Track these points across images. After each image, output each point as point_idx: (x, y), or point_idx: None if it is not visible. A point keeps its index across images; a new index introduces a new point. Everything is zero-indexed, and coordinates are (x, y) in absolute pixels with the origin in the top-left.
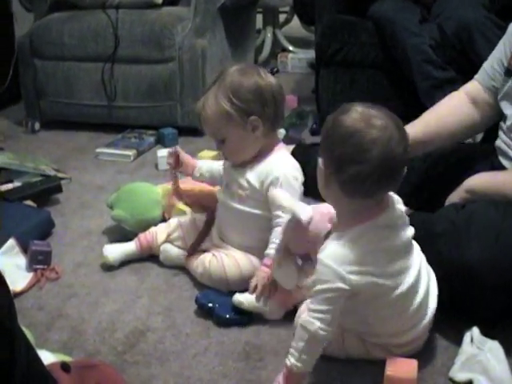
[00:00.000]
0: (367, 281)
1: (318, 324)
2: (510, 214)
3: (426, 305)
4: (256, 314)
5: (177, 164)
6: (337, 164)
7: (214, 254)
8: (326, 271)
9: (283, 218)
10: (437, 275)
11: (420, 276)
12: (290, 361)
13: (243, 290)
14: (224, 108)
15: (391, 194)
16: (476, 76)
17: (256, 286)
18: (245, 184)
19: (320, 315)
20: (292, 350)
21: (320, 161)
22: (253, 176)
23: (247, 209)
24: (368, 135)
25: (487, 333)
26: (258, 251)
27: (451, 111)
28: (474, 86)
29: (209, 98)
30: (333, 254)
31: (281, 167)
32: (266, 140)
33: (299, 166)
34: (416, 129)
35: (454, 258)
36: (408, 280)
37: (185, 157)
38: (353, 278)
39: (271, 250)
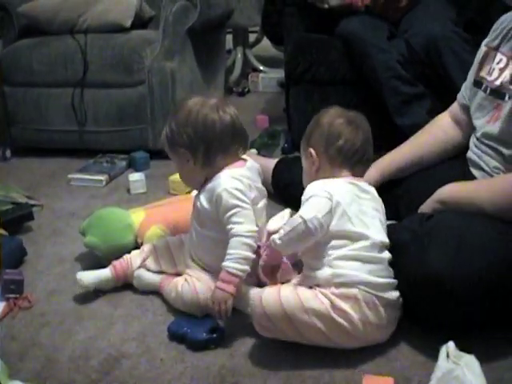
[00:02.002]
0: (337, 206)
1: (305, 216)
2: (473, 225)
3: (387, 271)
4: (230, 334)
5: None
6: (325, 144)
7: (186, 279)
8: (312, 189)
9: (235, 229)
10: (403, 286)
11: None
12: (274, 237)
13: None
14: (163, 135)
15: None
16: (457, 95)
17: (219, 309)
18: (199, 207)
19: (308, 208)
20: (280, 231)
21: (309, 152)
22: (203, 197)
23: (207, 232)
24: (340, 122)
25: (463, 347)
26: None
27: (438, 134)
28: (455, 106)
29: None
30: (316, 183)
31: (221, 183)
32: (207, 169)
33: (246, 177)
34: (407, 152)
35: (417, 269)
36: (367, 233)
37: None
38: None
39: (227, 261)
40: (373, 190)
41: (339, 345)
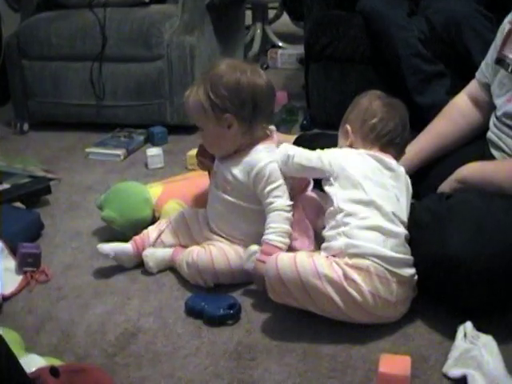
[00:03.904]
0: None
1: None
2: (493, 203)
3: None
4: (247, 310)
5: None
6: (361, 121)
7: (203, 246)
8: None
9: (276, 203)
10: (422, 265)
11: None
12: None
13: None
14: (200, 101)
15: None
16: (476, 74)
17: (261, 281)
18: (229, 177)
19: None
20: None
21: (345, 128)
22: (237, 169)
23: (232, 199)
24: (378, 103)
25: (481, 327)
26: (246, 244)
27: (457, 120)
28: (473, 85)
29: (195, 86)
30: (331, 150)
31: (262, 158)
32: (246, 137)
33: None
34: (429, 143)
35: (436, 249)
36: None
37: None
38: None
39: (270, 234)
40: (399, 170)
41: (349, 317)
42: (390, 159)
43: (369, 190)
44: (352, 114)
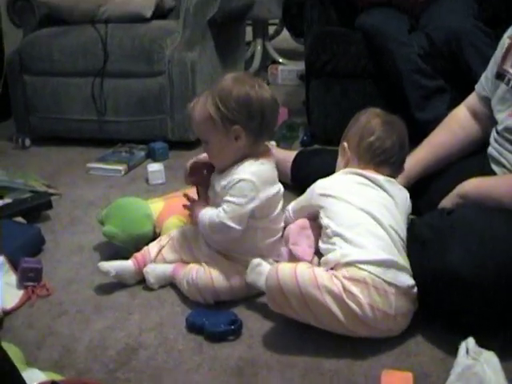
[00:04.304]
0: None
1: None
2: (495, 219)
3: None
4: (248, 326)
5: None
6: (359, 139)
7: (202, 265)
8: (314, 187)
9: (221, 214)
10: (423, 281)
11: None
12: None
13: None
14: (209, 112)
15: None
16: (475, 86)
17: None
18: (218, 189)
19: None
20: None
21: (343, 146)
22: (226, 181)
23: None
24: (377, 121)
25: (483, 343)
26: (244, 259)
27: (456, 132)
28: (472, 98)
29: (200, 99)
30: (320, 182)
31: (240, 172)
32: (250, 150)
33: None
34: (428, 154)
35: (437, 264)
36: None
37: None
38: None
39: (209, 211)
40: (393, 185)
41: (349, 330)
42: (376, 175)
43: (355, 202)
44: (351, 130)
